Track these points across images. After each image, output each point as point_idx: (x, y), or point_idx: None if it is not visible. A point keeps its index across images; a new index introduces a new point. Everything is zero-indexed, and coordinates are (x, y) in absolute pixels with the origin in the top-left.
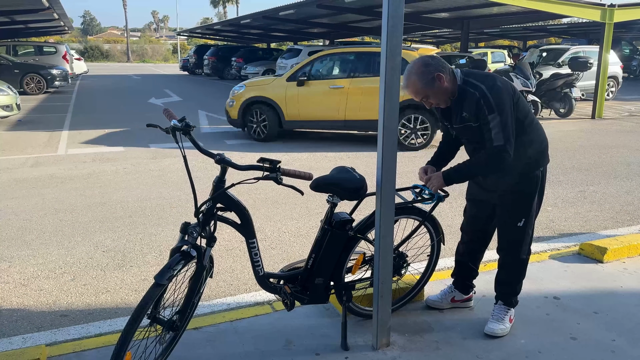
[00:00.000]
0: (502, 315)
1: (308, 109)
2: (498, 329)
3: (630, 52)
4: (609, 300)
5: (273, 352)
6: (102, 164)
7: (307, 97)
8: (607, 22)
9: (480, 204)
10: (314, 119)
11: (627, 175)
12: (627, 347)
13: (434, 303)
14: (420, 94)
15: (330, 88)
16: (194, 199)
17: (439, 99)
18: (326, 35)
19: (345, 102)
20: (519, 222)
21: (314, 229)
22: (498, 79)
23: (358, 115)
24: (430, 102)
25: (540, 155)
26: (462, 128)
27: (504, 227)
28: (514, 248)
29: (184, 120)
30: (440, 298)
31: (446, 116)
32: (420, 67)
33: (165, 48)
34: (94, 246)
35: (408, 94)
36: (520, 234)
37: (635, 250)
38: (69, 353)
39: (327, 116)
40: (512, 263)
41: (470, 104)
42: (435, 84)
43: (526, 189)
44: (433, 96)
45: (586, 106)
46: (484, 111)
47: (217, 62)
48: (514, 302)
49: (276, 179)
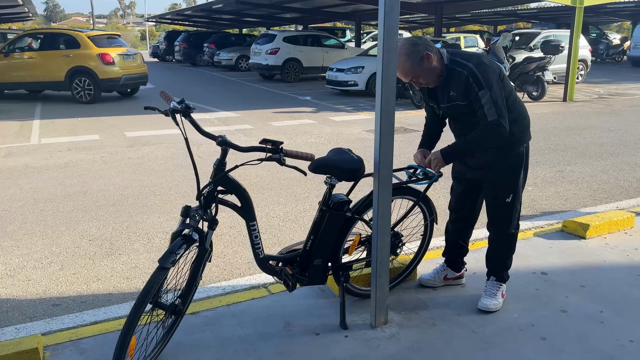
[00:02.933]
0: (495, 290)
1: (12, 75)
2: (491, 304)
3: (597, 36)
4: (594, 274)
5: (273, 334)
6: (78, 153)
7: (10, 65)
8: (577, 6)
9: (466, 182)
10: (17, 81)
11: (601, 155)
12: (614, 318)
13: (427, 282)
14: (410, 74)
15: (26, 59)
16: (196, 181)
17: (428, 79)
18: (299, 20)
19: (36, 68)
20: (507, 198)
21: (302, 214)
22: (483, 57)
23: (44, 78)
24: (419, 82)
25: (523, 132)
26: (450, 107)
27: (492, 203)
28: (504, 224)
29: (183, 102)
30: (433, 276)
31: (433, 96)
32: (408, 47)
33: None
34: (80, 235)
35: (398, 75)
36: (508, 210)
37: (615, 226)
38: (65, 342)
39: (27, 79)
40: (502, 238)
41: (459, 83)
42: (424, 63)
43: (512, 165)
44: (422, 76)
45: (557, 89)
46: (473, 88)
47: (189, 48)
48: (505, 276)
49: (279, 160)
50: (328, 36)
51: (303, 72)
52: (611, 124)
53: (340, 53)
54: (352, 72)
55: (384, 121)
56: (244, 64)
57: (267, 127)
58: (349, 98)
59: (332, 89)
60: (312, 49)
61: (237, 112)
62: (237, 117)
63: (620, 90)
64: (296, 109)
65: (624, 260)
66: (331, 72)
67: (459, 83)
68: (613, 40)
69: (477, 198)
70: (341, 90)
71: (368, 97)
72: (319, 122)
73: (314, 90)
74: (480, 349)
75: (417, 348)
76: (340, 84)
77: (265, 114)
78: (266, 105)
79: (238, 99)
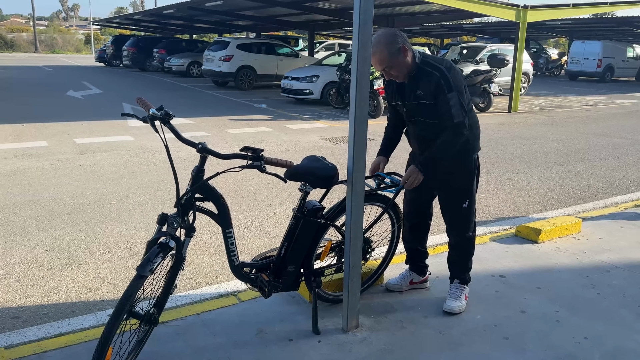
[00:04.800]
0: (458, 293)
1: None
2: (456, 306)
3: (537, 50)
4: (548, 276)
5: (246, 342)
6: (26, 160)
7: None
8: (521, 22)
9: (419, 188)
10: None
11: (547, 163)
12: (569, 317)
13: (393, 286)
14: (385, 63)
15: None
16: (176, 189)
17: (400, 72)
18: (252, 28)
19: None
20: (464, 203)
21: (267, 221)
22: (452, 62)
23: None
24: (391, 73)
25: (476, 140)
26: (415, 105)
27: (449, 209)
28: (462, 228)
29: (162, 108)
30: (399, 281)
31: (400, 93)
32: (389, 37)
33: (77, 38)
34: (35, 245)
35: (372, 62)
36: (466, 214)
37: (565, 231)
38: (29, 355)
39: None
40: (461, 242)
41: (429, 83)
42: (400, 55)
43: (468, 171)
44: (395, 67)
45: (502, 101)
46: (443, 90)
47: (138, 53)
48: (467, 278)
49: (260, 167)
50: (282, 45)
51: (257, 80)
52: (554, 135)
53: (295, 62)
54: (307, 81)
55: (357, 129)
56: (196, 70)
57: (223, 135)
58: (304, 106)
59: (287, 97)
60: (266, 57)
61: (191, 119)
62: (192, 124)
63: (559, 103)
64: (252, 117)
65: (574, 262)
66: (286, 80)
67: (429, 83)
68: (551, 55)
69: (430, 204)
70: (296, 99)
71: (323, 105)
72: (276, 130)
73: (269, 98)
74: (448, 349)
75: (388, 350)
76: (295, 93)
77: (221, 121)
78: (221, 112)
79: (191, 106)
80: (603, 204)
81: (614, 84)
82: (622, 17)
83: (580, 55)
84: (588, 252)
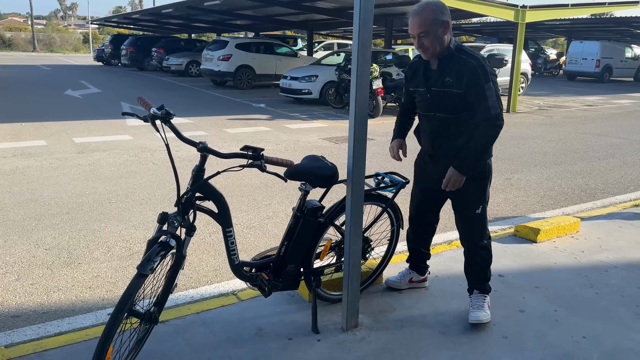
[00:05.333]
0: (481, 303)
1: None
2: (482, 316)
3: (535, 50)
4: (547, 275)
5: (246, 340)
6: (25, 159)
7: None
8: (519, 22)
9: (431, 193)
10: None
11: (545, 163)
12: (567, 316)
13: (393, 283)
14: (425, 27)
15: None
16: (177, 187)
17: (431, 45)
18: (250, 28)
19: None
20: (477, 209)
21: (266, 221)
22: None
23: None
24: (423, 42)
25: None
26: (441, 92)
27: (464, 216)
28: (477, 235)
29: (163, 107)
30: (399, 279)
31: (426, 77)
32: (439, 6)
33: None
34: (34, 244)
35: (412, 22)
36: (480, 221)
37: (563, 231)
38: (30, 354)
39: None
40: (477, 250)
41: (463, 71)
42: (441, 28)
43: (482, 176)
44: (431, 38)
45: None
46: (481, 80)
47: (136, 52)
48: (488, 288)
49: (260, 167)
50: (281, 44)
51: (256, 80)
52: (552, 135)
53: (293, 61)
54: (306, 81)
55: (357, 129)
56: (195, 69)
57: (222, 134)
58: (303, 106)
59: (286, 97)
60: (265, 57)
61: (190, 118)
62: (191, 124)
63: (558, 103)
64: (251, 116)
65: (572, 262)
66: (285, 80)
67: (463, 71)
68: (550, 55)
69: (439, 208)
70: (295, 99)
71: (322, 105)
72: (275, 130)
73: (268, 97)
74: (447, 348)
75: (387, 349)
76: (294, 92)
77: (220, 121)
78: (220, 112)
79: (190, 105)
80: (601, 203)
81: (613, 84)
82: (621, 17)
83: (578, 55)
84: (586, 251)
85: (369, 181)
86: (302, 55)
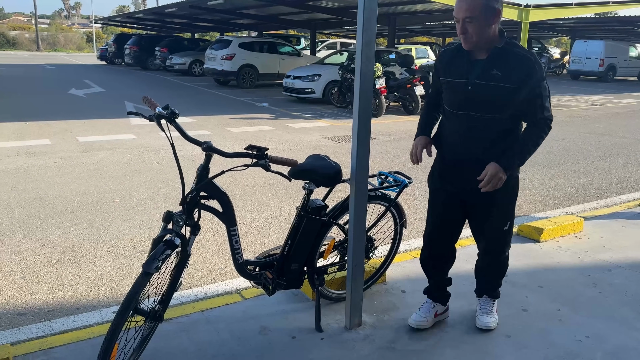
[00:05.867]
0: (490, 307)
1: None
2: (491, 322)
3: (539, 50)
4: (550, 275)
5: (250, 338)
6: (29, 158)
7: None
8: (523, 21)
9: (450, 206)
10: None
11: (549, 163)
12: (571, 315)
13: (419, 324)
14: (474, 11)
15: None
16: (182, 187)
17: (476, 33)
18: (254, 27)
19: None
20: (505, 225)
21: (269, 219)
22: None
23: None
24: (467, 28)
25: None
26: (485, 86)
27: (488, 230)
28: (499, 250)
29: (168, 107)
30: (424, 317)
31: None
32: None
33: (79, 36)
34: (39, 243)
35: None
36: (505, 236)
37: (567, 230)
38: (35, 351)
39: None
40: (498, 263)
41: (519, 64)
42: (492, 16)
43: (513, 188)
44: (478, 25)
45: None
46: (538, 77)
47: (140, 51)
48: (497, 294)
49: (265, 166)
50: (284, 43)
51: (259, 79)
52: (556, 134)
53: (296, 60)
54: (309, 80)
55: (361, 128)
56: (198, 69)
57: (225, 133)
58: (306, 105)
59: (289, 96)
60: (268, 56)
61: (193, 117)
62: (194, 123)
63: (561, 102)
64: (254, 115)
65: (576, 261)
66: (288, 79)
67: (518, 65)
68: (553, 55)
69: (462, 224)
70: (298, 98)
71: (325, 104)
72: (278, 129)
73: (271, 97)
74: (451, 347)
75: (391, 348)
76: (297, 92)
77: (223, 120)
78: (223, 111)
79: (194, 104)
80: (605, 203)
81: (616, 83)
82: (625, 16)
83: (582, 54)
84: (590, 251)
85: (372, 180)
86: (305, 55)
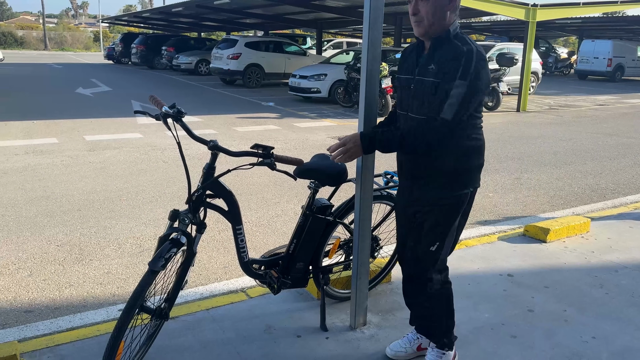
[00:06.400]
0: None
1: None
2: None
3: (546, 49)
4: (556, 275)
5: (255, 337)
6: (37, 156)
7: None
8: (530, 20)
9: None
10: None
11: (555, 163)
12: (577, 316)
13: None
14: None
15: None
16: (188, 185)
17: (427, 15)
18: (260, 26)
19: None
20: (432, 246)
21: (275, 219)
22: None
23: None
24: (419, 7)
25: (477, 171)
26: (420, 83)
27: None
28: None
29: (174, 106)
30: (404, 348)
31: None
32: None
33: (86, 36)
34: (46, 241)
35: None
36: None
37: (573, 231)
38: (42, 348)
39: None
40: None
41: (447, 56)
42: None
43: (452, 206)
44: (431, 5)
45: (511, 100)
46: (455, 71)
47: (147, 51)
48: (446, 342)
49: (271, 165)
50: (290, 43)
51: (265, 78)
52: (562, 134)
53: (302, 60)
54: (315, 80)
55: (366, 128)
56: (204, 68)
57: (231, 132)
58: (312, 105)
59: (295, 96)
60: (274, 55)
61: (199, 116)
62: (200, 122)
63: (568, 102)
64: (260, 115)
65: (582, 262)
66: (294, 78)
67: (446, 56)
68: (561, 54)
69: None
70: (304, 97)
71: (331, 104)
72: (283, 128)
73: (277, 96)
74: (456, 347)
75: None
76: (303, 91)
77: (229, 119)
78: (229, 110)
79: (200, 104)
80: (612, 204)
81: (624, 83)
82: (633, 16)
83: (590, 54)
84: (596, 251)
85: (377, 180)
86: (311, 54)
